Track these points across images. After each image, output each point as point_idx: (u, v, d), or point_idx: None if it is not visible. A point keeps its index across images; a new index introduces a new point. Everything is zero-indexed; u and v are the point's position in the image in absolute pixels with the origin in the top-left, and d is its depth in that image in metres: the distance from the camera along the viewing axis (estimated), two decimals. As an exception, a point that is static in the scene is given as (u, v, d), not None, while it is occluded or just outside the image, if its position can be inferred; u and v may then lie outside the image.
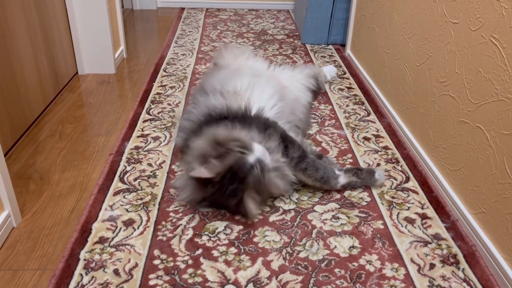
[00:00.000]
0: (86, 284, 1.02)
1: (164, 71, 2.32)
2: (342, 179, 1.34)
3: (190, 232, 1.19)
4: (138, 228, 1.20)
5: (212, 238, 1.17)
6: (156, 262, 1.09)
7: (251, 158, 1.17)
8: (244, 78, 1.54)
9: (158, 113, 1.85)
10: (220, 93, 1.46)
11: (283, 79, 1.77)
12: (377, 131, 1.75)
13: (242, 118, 1.34)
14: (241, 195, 1.17)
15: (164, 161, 1.50)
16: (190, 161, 1.25)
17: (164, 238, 1.17)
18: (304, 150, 1.32)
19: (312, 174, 1.30)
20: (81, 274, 1.05)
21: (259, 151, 1.19)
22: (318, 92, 2.05)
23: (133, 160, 1.51)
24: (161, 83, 2.16)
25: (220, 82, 1.53)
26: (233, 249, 1.14)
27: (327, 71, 2.21)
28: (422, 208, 1.31)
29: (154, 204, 1.30)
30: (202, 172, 1.16)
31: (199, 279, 1.04)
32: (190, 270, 1.07)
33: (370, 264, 1.10)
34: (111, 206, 1.28)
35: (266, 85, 1.53)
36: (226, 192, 1.17)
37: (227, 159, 1.17)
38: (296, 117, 1.60)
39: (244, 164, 1.16)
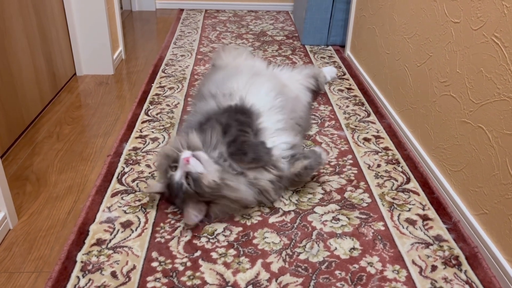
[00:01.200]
0: (83, 287, 1.00)
1: (163, 72, 2.30)
2: (276, 151, 1.24)
3: (188, 234, 1.18)
4: (136, 230, 1.19)
5: (211, 240, 1.16)
6: (154, 264, 1.08)
7: (177, 175, 1.17)
8: (241, 78, 1.51)
9: (157, 114, 1.84)
10: (215, 97, 1.43)
11: (282, 78, 1.75)
12: (377, 132, 1.74)
13: (214, 116, 1.32)
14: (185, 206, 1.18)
15: (162, 162, 1.48)
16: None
17: (162, 240, 1.15)
18: (238, 133, 1.22)
19: (242, 159, 1.20)
20: (77, 277, 1.03)
21: (181, 163, 1.16)
22: (317, 93, 2.04)
23: (131, 161, 1.49)
24: (160, 84, 2.15)
25: (216, 85, 1.50)
26: (232, 251, 1.12)
27: (326, 72, 2.20)
28: (423, 209, 1.30)
29: (152, 206, 1.28)
30: (151, 188, 1.28)
31: (197, 282, 1.03)
32: (188, 273, 1.05)
33: (371, 266, 1.09)
34: (108, 208, 1.27)
35: (266, 82, 1.51)
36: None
37: (165, 177, 1.22)
38: (297, 114, 1.58)
39: (172, 184, 1.18)
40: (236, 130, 1.24)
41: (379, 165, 1.51)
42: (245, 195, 1.20)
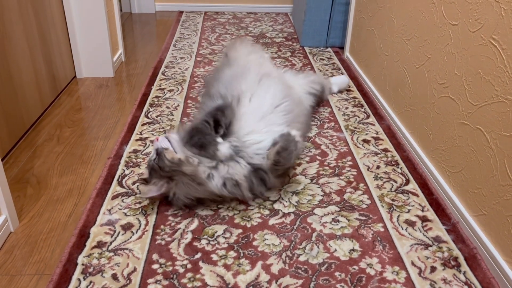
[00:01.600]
0: (84, 289, 1.01)
1: (163, 74, 2.31)
2: (224, 148, 1.25)
3: (189, 236, 1.18)
4: (136, 232, 1.19)
5: (211, 242, 1.16)
6: (155, 266, 1.08)
7: (151, 154, 1.28)
8: (250, 78, 1.51)
9: (157, 116, 1.84)
10: (224, 98, 1.44)
11: (289, 81, 1.73)
12: (377, 134, 1.74)
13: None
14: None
15: (162, 165, 1.49)
16: None
17: (163, 242, 1.16)
18: (197, 122, 1.30)
19: (187, 141, 1.26)
20: (78, 279, 1.04)
21: (153, 144, 1.28)
22: (321, 100, 1.98)
23: (131, 164, 1.50)
24: (160, 86, 2.15)
25: (225, 86, 1.50)
26: (232, 253, 1.13)
27: (334, 83, 2.08)
28: (423, 211, 1.30)
29: (152, 208, 1.29)
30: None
31: (198, 284, 1.03)
32: (189, 275, 1.06)
33: (370, 267, 1.09)
34: (109, 210, 1.27)
35: (273, 84, 1.50)
36: None
37: None
38: (300, 119, 1.56)
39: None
40: (199, 120, 1.31)
41: (378, 167, 1.52)
42: (203, 174, 1.22)
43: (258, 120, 1.36)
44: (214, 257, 1.11)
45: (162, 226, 1.22)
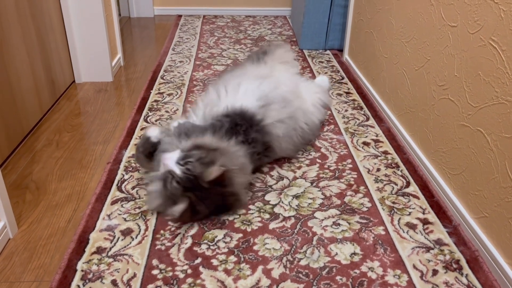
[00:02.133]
0: (84, 296, 1.00)
1: (162, 78, 2.31)
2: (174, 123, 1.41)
3: (189, 241, 1.17)
4: (136, 238, 1.18)
5: (211, 247, 1.16)
6: (155, 272, 1.07)
7: (175, 174, 1.22)
8: (238, 79, 1.56)
9: (156, 120, 1.84)
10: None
11: (301, 90, 1.70)
12: (377, 136, 1.74)
13: None
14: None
15: (162, 169, 1.48)
16: None
17: (163, 247, 1.15)
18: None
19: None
20: (78, 286, 1.03)
21: (164, 165, 1.24)
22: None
23: (130, 169, 1.49)
24: (159, 90, 2.15)
25: (223, 84, 1.55)
26: (232, 258, 1.12)
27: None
28: (424, 213, 1.29)
29: (152, 213, 1.28)
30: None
31: (198, 289, 1.02)
32: (189, 280, 1.05)
33: (372, 271, 1.08)
34: (108, 216, 1.27)
35: (261, 84, 1.52)
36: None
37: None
38: (296, 122, 1.54)
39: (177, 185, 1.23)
40: None
41: (378, 169, 1.51)
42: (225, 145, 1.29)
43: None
44: (215, 262, 1.11)
45: (162, 231, 1.21)
